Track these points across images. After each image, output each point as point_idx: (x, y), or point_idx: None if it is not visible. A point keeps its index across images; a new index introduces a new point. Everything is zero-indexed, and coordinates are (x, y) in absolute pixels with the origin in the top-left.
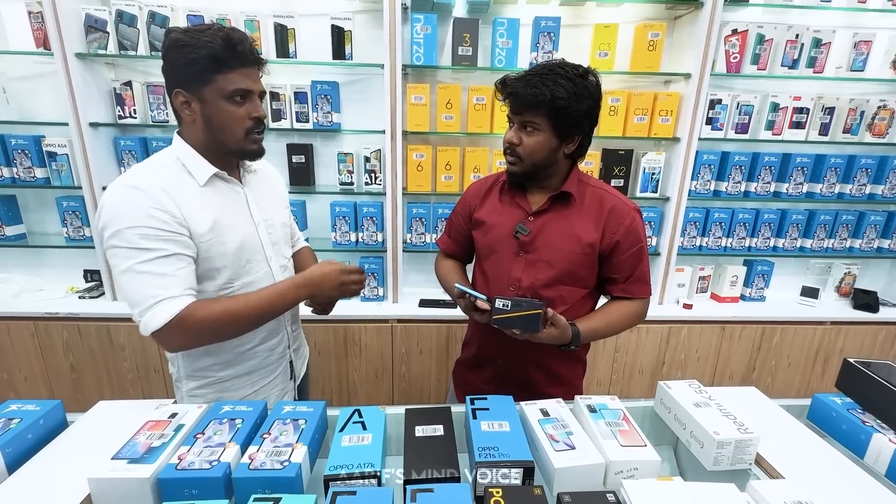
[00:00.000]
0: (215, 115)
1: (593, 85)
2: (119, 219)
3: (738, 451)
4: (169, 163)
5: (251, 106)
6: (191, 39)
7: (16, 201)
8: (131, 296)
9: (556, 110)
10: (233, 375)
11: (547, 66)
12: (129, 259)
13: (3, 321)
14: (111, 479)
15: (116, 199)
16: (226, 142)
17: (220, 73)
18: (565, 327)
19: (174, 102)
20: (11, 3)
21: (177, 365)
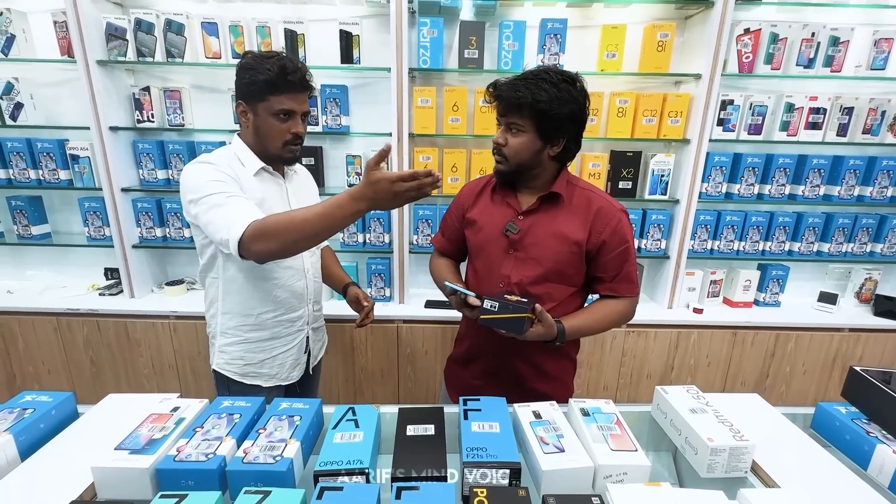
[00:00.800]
0: (263, 127)
1: (578, 90)
2: (197, 181)
3: (734, 459)
4: (228, 155)
5: (292, 123)
6: (256, 64)
7: (41, 202)
8: (215, 222)
9: (539, 113)
10: (257, 339)
11: (534, 71)
12: (210, 201)
13: (29, 316)
14: (113, 468)
15: (191, 170)
16: (268, 148)
17: (272, 95)
18: (551, 324)
19: (236, 109)
20: (39, 14)
21: (215, 321)
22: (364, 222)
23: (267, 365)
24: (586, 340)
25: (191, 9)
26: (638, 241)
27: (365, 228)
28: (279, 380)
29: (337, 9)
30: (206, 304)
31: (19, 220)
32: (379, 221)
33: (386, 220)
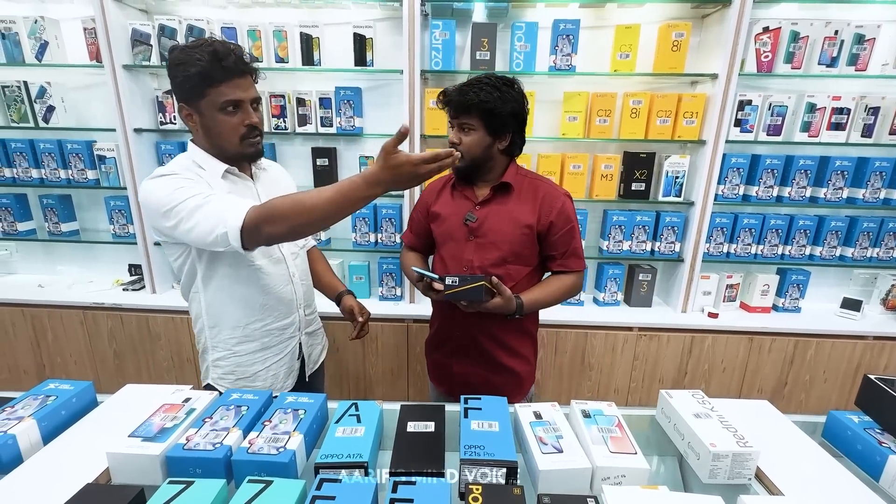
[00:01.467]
0: (213, 125)
1: (516, 91)
2: (163, 191)
3: (737, 465)
4: (187, 165)
5: (243, 114)
6: (185, 57)
7: (71, 200)
8: (204, 224)
9: (485, 112)
10: (246, 351)
11: (477, 77)
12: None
13: (58, 309)
14: (126, 454)
15: (152, 185)
16: (225, 148)
17: (210, 87)
18: (510, 298)
19: (179, 114)
20: (70, 21)
21: (203, 338)
22: (376, 222)
23: (260, 377)
24: (597, 344)
25: (211, 14)
26: (651, 243)
27: (377, 228)
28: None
29: (351, 12)
30: (193, 320)
31: (50, 217)
32: (391, 222)
33: (398, 220)
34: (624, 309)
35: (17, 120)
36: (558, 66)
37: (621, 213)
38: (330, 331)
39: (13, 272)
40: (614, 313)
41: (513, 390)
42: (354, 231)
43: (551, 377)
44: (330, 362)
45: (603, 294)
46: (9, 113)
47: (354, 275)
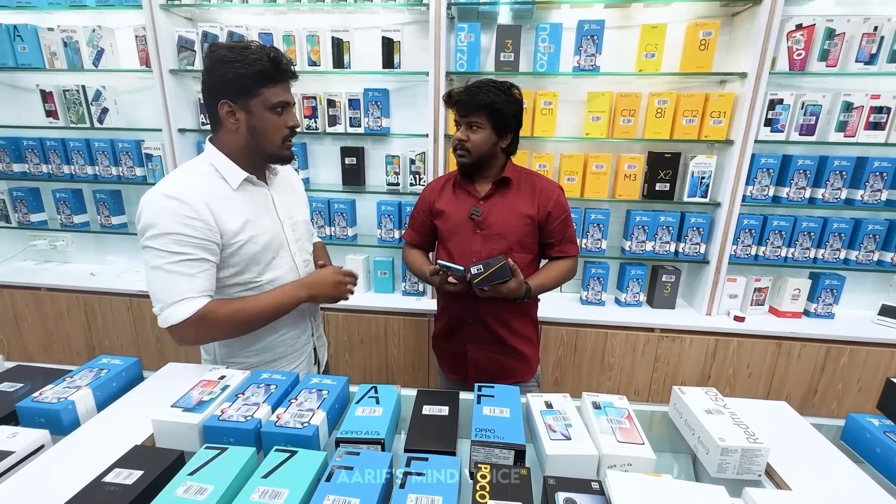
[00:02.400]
0: (259, 124)
1: (516, 96)
2: (158, 224)
3: (746, 461)
4: (203, 170)
5: (288, 116)
6: (238, 56)
7: (120, 195)
8: (157, 291)
9: (494, 112)
10: (262, 362)
11: (482, 81)
12: (161, 259)
13: (107, 296)
14: (169, 422)
15: (157, 206)
16: (265, 148)
17: (265, 87)
18: (521, 282)
19: (219, 111)
20: (124, 30)
21: (212, 353)
22: (400, 219)
23: None
24: (617, 344)
25: (250, 21)
26: (675, 244)
27: (401, 225)
28: None
29: (380, 17)
30: None
31: (102, 210)
32: None
33: None
34: (646, 310)
35: (76, 121)
36: (582, 67)
37: (645, 213)
38: (354, 321)
39: (69, 261)
40: (636, 314)
41: (523, 371)
42: (380, 228)
43: (570, 375)
44: (354, 355)
45: (625, 294)
46: (69, 115)
47: (379, 270)
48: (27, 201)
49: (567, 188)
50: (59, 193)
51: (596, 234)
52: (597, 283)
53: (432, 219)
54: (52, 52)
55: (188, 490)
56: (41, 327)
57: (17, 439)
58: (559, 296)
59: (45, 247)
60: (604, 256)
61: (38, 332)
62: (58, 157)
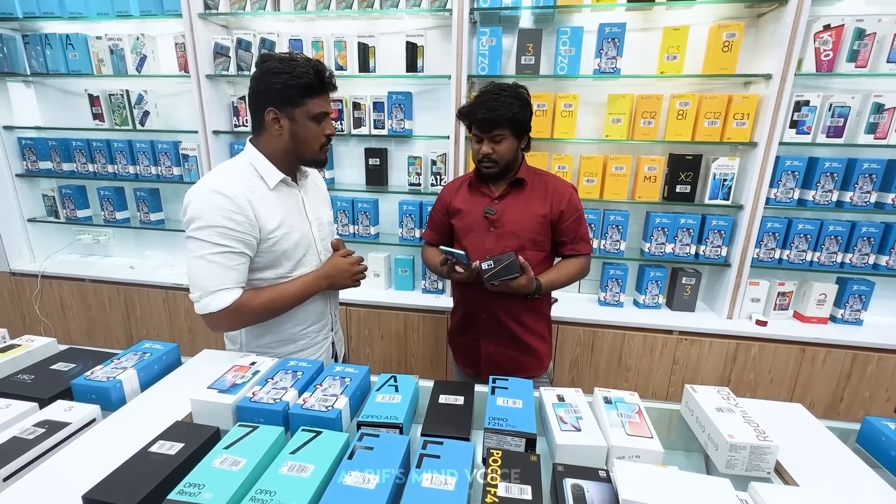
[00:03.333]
0: (301, 132)
1: (527, 97)
2: (204, 217)
3: (755, 458)
4: (244, 168)
5: (326, 125)
6: (287, 68)
7: (159, 194)
8: (198, 279)
9: (515, 121)
10: (285, 353)
11: (494, 91)
12: (204, 249)
13: (145, 288)
14: (206, 401)
15: (204, 200)
16: (304, 153)
17: (310, 98)
18: (531, 278)
19: (264, 117)
20: (164, 38)
21: (239, 342)
22: (421, 219)
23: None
24: (635, 346)
25: (281, 28)
26: (695, 246)
27: (422, 225)
28: None
29: (405, 22)
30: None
31: (142, 208)
32: None
33: None
34: (665, 312)
35: (120, 123)
36: (603, 70)
37: (664, 215)
38: (376, 317)
39: (110, 255)
40: (654, 316)
41: (534, 366)
42: (401, 227)
43: (587, 375)
44: (374, 349)
45: (643, 296)
46: (113, 117)
47: (399, 268)
48: (74, 198)
49: (586, 189)
50: (103, 191)
51: (615, 235)
52: (615, 284)
53: (449, 218)
54: (99, 59)
55: (224, 462)
56: (85, 315)
57: (72, 412)
58: (577, 296)
59: (90, 241)
60: (622, 258)
61: (83, 320)
62: (103, 157)
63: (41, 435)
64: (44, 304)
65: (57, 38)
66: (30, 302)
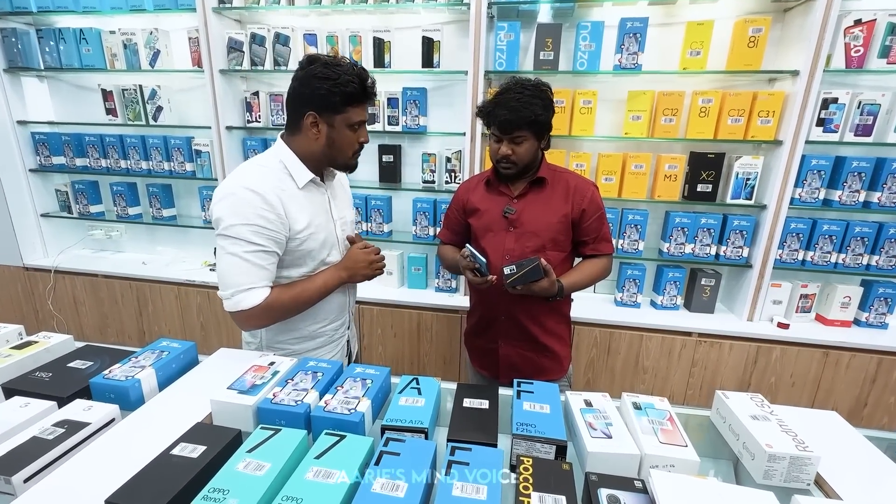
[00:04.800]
0: (338, 138)
1: (551, 97)
2: (237, 215)
3: (794, 469)
4: (273, 166)
5: (361, 132)
6: (332, 74)
7: (171, 189)
8: (230, 276)
9: (536, 122)
10: (304, 350)
11: (516, 90)
12: (238, 247)
13: (157, 284)
14: (226, 402)
15: (237, 198)
16: (337, 158)
17: (351, 106)
18: (553, 281)
19: (303, 120)
20: (178, 32)
21: (258, 338)
22: (435, 216)
23: None
24: (653, 348)
25: (296, 22)
26: (716, 247)
27: (436, 223)
28: None
29: (421, 17)
30: None
31: (154, 203)
32: None
33: None
34: (683, 313)
35: (133, 119)
36: (623, 65)
37: (685, 214)
38: (388, 315)
39: (122, 250)
40: (673, 317)
41: (555, 369)
42: (415, 224)
43: (603, 377)
44: (387, 348)
45: (661, 297)
46: (127, 112)
47: (413, 266)
48: (87, 193)
49: (605, 188)
50: (115, 186)
51: (633, 234)
52: (632, 284)
53: (466, 217)
54: (113, 54)
55: (248, 466)
56: (97, 311)
57: (91, 412)
58: (593, 296)
59: (102, 236)
60: (640, 258)
61: (95, 316)
62: (115, 153)
63: (61, 435)
64: (57, 299)
65: (70, 32)
66: (43, 297)
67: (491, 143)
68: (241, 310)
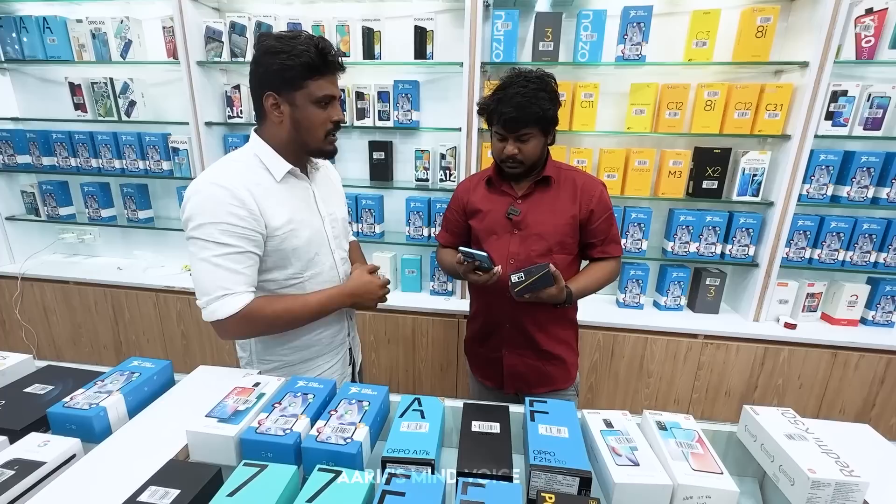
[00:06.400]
0: (303, 118)
1: (554, 84)
2: (204, 213)
3: (840, 496)
4: (247, 160)
5: (332, 110)
6: (285, 46)
7: (147, 189)
8: (203, 284)
9: (544, 118)
10: (299, 360)
11: (518, 83)
12: (207, 250)
13: (134, 290)
14: (204, 433)
15: (203, 195)
16: (308, 142)
17: (311, 80)
18: (562, 287)
19: (263, 103)
20: (151, 21)
21: (248, 350)
22: (429, 217)
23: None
24: (657, 351)
25: (278, 11)
26: (721, 245)
27: (430, 223)
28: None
29: (412, 5)
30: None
31: (129, 205)
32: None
33: None
34: (687, 315)
35: (104, 114)
36: (626, 56)
37: (689, 212)
38: (381, 321)
39: (96, 255)
40: (677, 319)
41: (562, 378)
42: (408, 225)
43: (606, 382)
44: (380, 355)
45: (665, 298)
46: (97, 108)
47: (407, 269)
48: (56, 195)
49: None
50: (87, 187)
51: (636, 233)
52: (635, 285)
53: (467, 219)
54: (80, 45)
55: None
56: (69, 320)
57: (48, 448)
58: (595, 298)
59: (74, 240)
60: (643, 257)
61: (67, 326)
62: (86, 151)
63: (11, 478)
64: (25, 308)
65: (33, 21)
66: (10, 306)
67: (494, 142)
68: (218, 319)
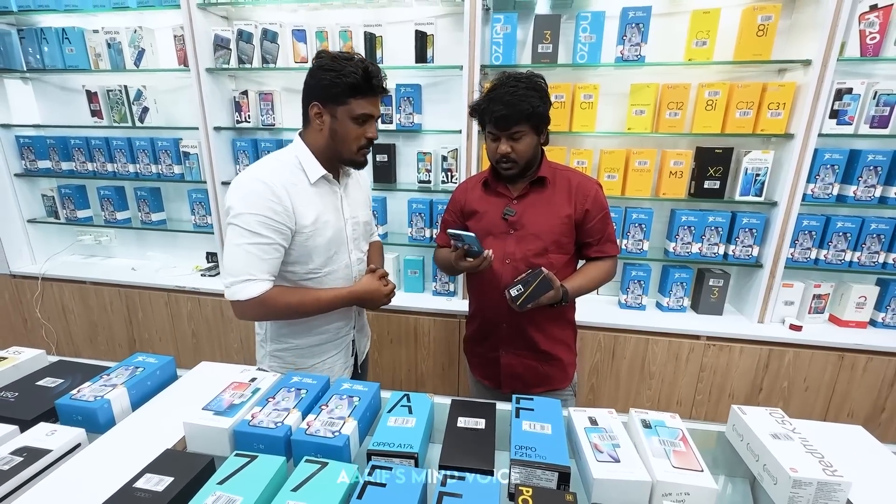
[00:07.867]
0: (341, 130)
1: (544, 83)
2: (245, 204)
3: (822, 496)
4: (288, 161)
5: (368, 127)
6: (336, 65)
7: (160, 193)
8: (232, 266)
9: (535, 116)
10: (306, 345)
11: (508, 84)
12: (242, 238)
13: (147, 290)
14: (200, 425)
15: (248, 188)
16: (342, 152)
17: (353, 98)
18: (558, 288)
19: (309, 111)
20: (163, 30)
21: (265, 328)
22: (431, 218)
23: (317, 370)
24: (659, 352)
25: (284, 18)
26: (724, 246)
27: (432, 224)
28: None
29: (413, 10)
30: None
31: (142, 207)
32: None
33: None
34: (691, 316)
35: (118, 120)
36: (626, 57)
37: (691, 212)
38: (384, 319)
39: (112, 256)
40: (680, 320)
41: (559, 378)
42: (410, 226)
43: (608, 383)
44: (383, 354)
45: (667, 299)
46: (112, 114)
47: (409, 269)
48: (74, 198)
49: (607, 186)
50: (103, 191)
51: (637, 234)
52: (637, 286)
53: (464, 220)
54: (96, 54)
55: (217, 500)
56: (87, 319)
57: (55, 437)
58: (596, 298)
59: (91, 242)
60: (645, 258)
61: (84, 324)
62: (102, 156)
63: (19, 464)
64: (45, 306)
65: (53, 32)
66: (31, 305)
67: (487, 143)
68: (237, 300)
